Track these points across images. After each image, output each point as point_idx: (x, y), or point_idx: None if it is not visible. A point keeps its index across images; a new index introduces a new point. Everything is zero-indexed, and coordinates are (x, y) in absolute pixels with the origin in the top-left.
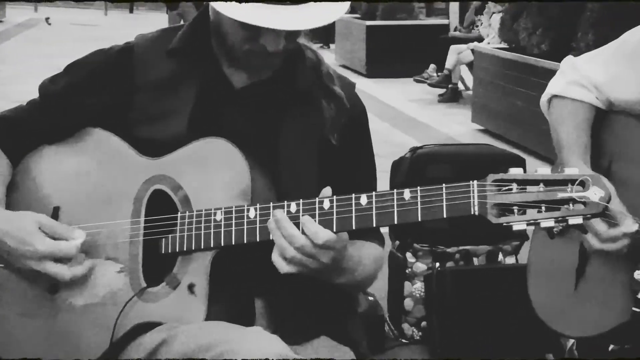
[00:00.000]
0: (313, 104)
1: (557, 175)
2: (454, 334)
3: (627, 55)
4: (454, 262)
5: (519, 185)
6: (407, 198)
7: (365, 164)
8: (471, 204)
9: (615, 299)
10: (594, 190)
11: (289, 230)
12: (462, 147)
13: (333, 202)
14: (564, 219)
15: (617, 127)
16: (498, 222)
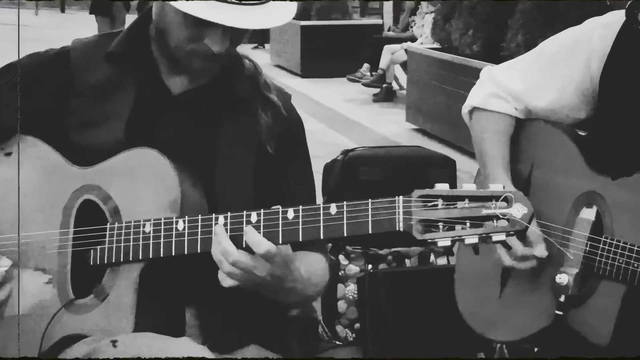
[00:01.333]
0: (250, 113)
1: (481, 191)
2: (387, 335)
3: (544, 64)
4: (386, 263)
5: (444, 201)
6: (333, 213)
7: (302, 174)
8: (396, 220)
9: (538, 303)
10: (517, 207)
11: (223, 244)
12: (394, 149)
13: (260, 216)
14: (487, 236)
15: (536, 134)
16: (423, 239)
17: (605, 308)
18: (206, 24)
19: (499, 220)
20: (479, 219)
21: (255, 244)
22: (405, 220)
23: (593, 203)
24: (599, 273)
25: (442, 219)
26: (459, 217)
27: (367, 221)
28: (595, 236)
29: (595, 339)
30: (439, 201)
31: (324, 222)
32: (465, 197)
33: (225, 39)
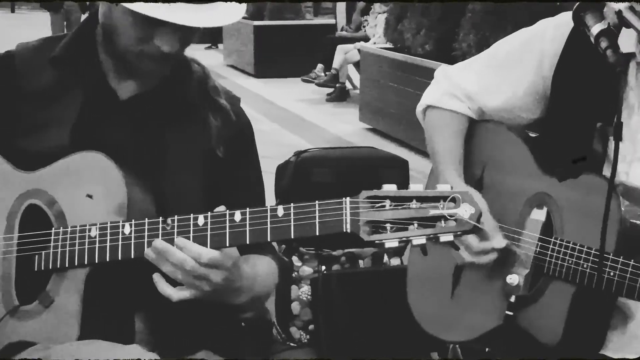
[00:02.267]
0: (199, 117)
1: (429, 192)
2: (341, 336)
3: (497, 65)
4: (339, 264)
5: (392, 202)
6: (281, 215)
7: (251, 178)
8: (343, 221)
9: (489, 303)
10: (464, 208)
11: (177, 256)
12: (346, 151)
13: (207, 219)
14: (435, 236)
15: (488, 135)
16: (370, 240)
17: (555, 308)
18: (156, 24)
19: (447, 220)
20: (426, 220)
21: (197, 255)
22: (353, 221)
23: (543, 204)
24: (549, 273)
25: (389, 220)
26: (407, 218)
27: (314, 222)
28: (545, 237)
29: (545, 338)
30: (386, 202)
31: (272, 224)
32: (412, 197)
33: (175, 38)
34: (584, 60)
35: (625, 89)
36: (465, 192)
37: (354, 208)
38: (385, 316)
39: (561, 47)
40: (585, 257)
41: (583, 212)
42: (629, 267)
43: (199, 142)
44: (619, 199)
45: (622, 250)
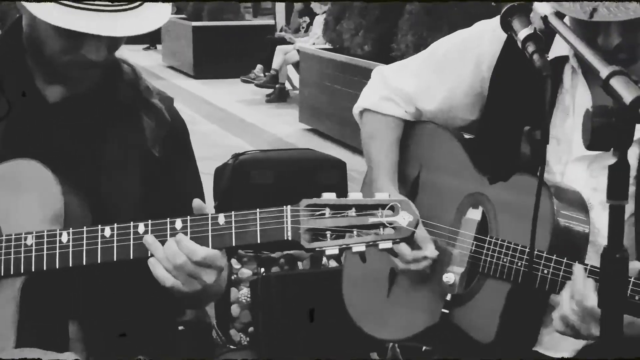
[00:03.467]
0: (133, 119)
1: (368, 200)
2: (281, 338)
3: (434, 66)
4: (279, 266)
5: (331, 210)
6: (222, 223)
7: (187, 177)
8: (284, 229)
9: (425, 302)
10: (403, 215)
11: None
12: (285, 152)
13: (148, 227)
14: (374, 244)
15: (425, 135)
16: (311, 247)
17: (490, 306)
18: (80, 34)
19: (386, 228)
20: (365, 228)
21: (191, 252)
22: (294, 229)
23: (479, 204)
24: (484, 272)
25: (329, 228)
26: (346, 225)
27: (255, 230)
28: (480, 236)
29: (480, 336)
30: (326, 210)
31: (213, 232)
32: (352, 206)
33: (101, 47)
34: (519, 64)
35: (561, 91)
36: (403, 200)
37: (294, 216)
38: (324, 317)
39: (499, 49)
40: (520, 256)
41: (517, 211)
42: (562, 265)
43: (134, 144)
44: (552, 199)
45: (556, 249)
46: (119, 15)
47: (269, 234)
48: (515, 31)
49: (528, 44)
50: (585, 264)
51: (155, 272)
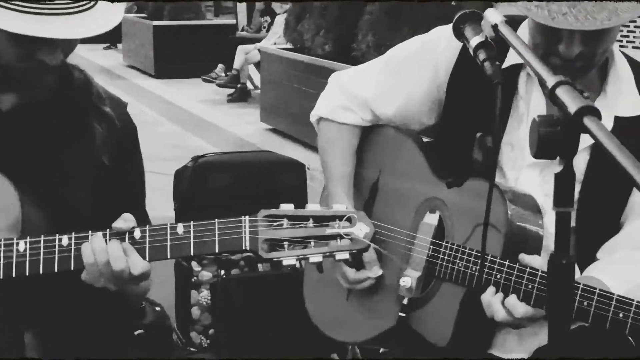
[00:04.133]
0: (84, 125)
1: (325, 211)
2: (242, 339)
3: (392, 71)
4: (239, 268)
5: (289, 220)
6: (180, 232)
7: (136, 183)
8: (243, 239)
9: (383, 305)
10: (359, 227)
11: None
12: (244, 155)
13: (106, 237)
14: (331, 254)
15: (384, 140)
16: (269, 257)
17: (445, 310)
18: (35, 39)
19: (342, 239)
20: (323, 238)
21: (133, 266)
22: (252, 239)
23: (436, 208)
24: (440, 276)
25: (287, 239)
26: (304, 236)
27: (214, 240)
28: (437, 240)
29: (436, 339)
30: (284, 221)
31: (171, 242)
32: (309, 217)
33: (57, 51)
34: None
35: (516, 98)
36: (359, 212)
37: (252, 226)
38: (285, 319)
39: (455, 56)
40: (474, 260)
41: (472, 216)
42: (514, 270)
43: (85, 151)
44: (505, 204)
45: (510, 253)
46: (72, 18)
47: (227, 243)
48: (467, 39)
49: (479, 52)
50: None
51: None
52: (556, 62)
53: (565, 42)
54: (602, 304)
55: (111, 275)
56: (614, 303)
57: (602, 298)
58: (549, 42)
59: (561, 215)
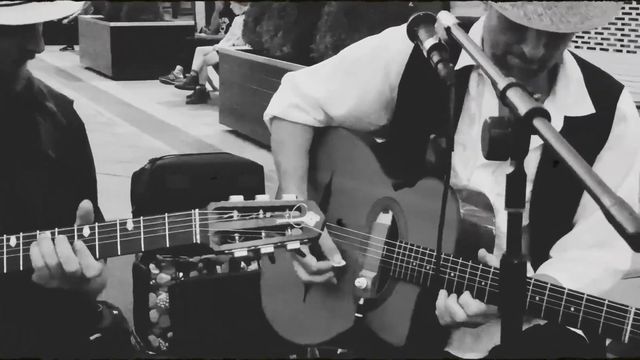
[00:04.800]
0: (28, 120)
1: (275, 201)
2: (200, 342)
3: (344, 72)
4: (197, 271)
5: (239, 212)
6: (130, 228)
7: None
8: (193, 232)
9: (340, 306)
10: (310, 216)
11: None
12: (201, 157)
13: (55, 235)
14: (282, 244)
15: (337, 141)
16: (220, 250)
17: (401, 309)
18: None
19: (293, 229)
20: (273, 229)
21: (86, 268)
22: (202, 232)
23: (389, 208)
24: (394, 276)
25: (237, 230)
26: (254, 227)
27: (164, 235)
28: (391, 240)
29: (392, 339)
30: (234, 213)
31: (121, 238)
32: (259, 207)
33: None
34: (426, 72)
35: (467, 99)
36: (309, 201)
37: (203, 219)
38: (244, 320)
39: (407, 57)
40: (428, 259)
41: (425, 215)
42: (467, 268)
43: (30, 145)
44: (457, 203)
45: (463, 251)
46: (43, 5)
47: (177, 237)
48: (421, 40)
49: (433, 54)
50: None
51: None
52: (514, 62)
53: (532, 43)
54: (553, 299)
55: (63, 276)
56: (565, 297)
57: (553, 292)
58: (513, 42)
59: (513, 216)
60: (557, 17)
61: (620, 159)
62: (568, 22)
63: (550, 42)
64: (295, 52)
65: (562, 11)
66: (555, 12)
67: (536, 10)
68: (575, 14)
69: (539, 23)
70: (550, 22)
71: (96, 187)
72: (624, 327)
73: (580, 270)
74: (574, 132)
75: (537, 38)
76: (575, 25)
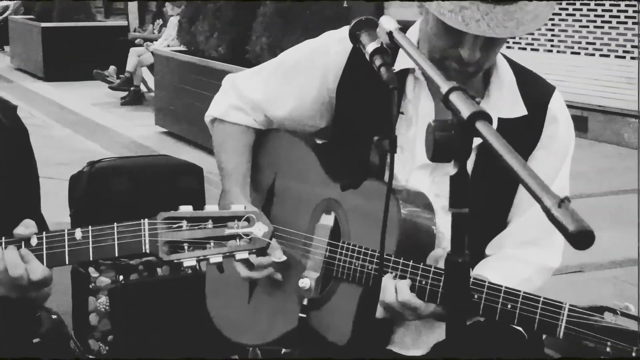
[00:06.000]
0: None
1: (224, 212)
2: (141, 344)
3: (283, 75)
4: (137, 273)
5: (188, 222)
6: (79, 238)
7: (30, 186)
8: (142, 242)
9: (284, 307)
10: (258, 226)
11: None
12: (140, 159)
13: (1, 244)
14: (231, 254)
15: (279, 143)
16: (169, 259)
17: (344, 309)
18: None
19: (242, 239)
20: (222, 239)
21: (32, 272)
22: (152, 242)
23: (332, 209)
24: (337, 276)
25: (186, 240)
26: (203, 237)
27: (113, 244)
28: (333, 241)
29: (336, 338)
30: (183, 223)
31: (69, 247)
32: (209, 218)
33: None
34: (364, 75)
35: (405, 101)
36: (258, 211)
37: (152, 229)
38: (186, 322)
39: (344, 60)
40: (370, 259)
41: (367, 216)
42: (408, 267)
43: None
44: (398, 203)
45: (404, 251)
46: None
47: (126, 247)
48: (364, 44)
49: (375, 57)
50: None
51: None
52: (452, 65)
53: (469, 47)
54: (491, 296)
55: (10, 283)
56: (502, 295)
57: (491, 290)
58: (450, 46)
59: (457, 216)
60: (493, 23)
61: (551, 159)
62: (505, 27)
63: (486, 46)
64: (231, 53)
65: (499, 17)
66: (492, 17)
67: (474, 16)
68: (510, 19)
69: (477, 28)
70: (487, 27)
71: (39, 192)
72: (558, 323)
73: (514, 269)
74: (507, 133)
75: (474, 42)
76: (511, 30)
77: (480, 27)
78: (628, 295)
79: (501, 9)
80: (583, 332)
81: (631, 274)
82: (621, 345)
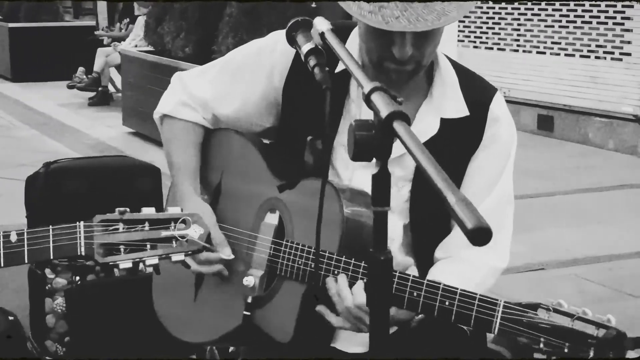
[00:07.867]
0: None
1: (160, 214)
2: (99, 345)
3: (231, 73)
4: (94, 274)
5: (125, 224)
6: (14, 240)
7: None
8: (78, 244)
9: (229, 304)
10: (194, 228)
11: None
12: (97, 160)
13: None
14: (167, 256)
15: (225, 141)
16: (105, 262)
17: (287, 307)
18: None
19: (178, 241)
20: (158, 241)
21: None
22: (87, 244)
23: (276, 208)
24: (281, 274)
25: (122, 242)
26: (139, 239)
27: (48, 247)
28: (277, 240)
29: (279, 336)
30: (120, 225)
31: (5, 250)
32: (145, 220)
33: None
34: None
35: (348, 101)
36: (194, 213)
37: (88, 232)
38: (143, 323)
39: (290, 61)
40: (313, 258)
41: (309, 215)
42: (350, 266)
43: None
44: (340, 202)
45: (347, 249)
46: None
47: (62, 250)
48: (299, 45)
49: (310, 58)
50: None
51: None
52: (390, 66)
53: (398, 44)
54: (429, 294)
55: None
56: (440, 292)
57: (429, 288)
58: (383, 47)
59: (378, 215)
60: (413, 17)
61: (494, 158)
62: (425, 21)
63: (417, 42)
64: (198, 53)
65: (418, 11)
66: (411, 12)
67: (393, 14)
68: (431, 12)
69: (397, 25)
70: (408, 22)
71: None
72: (493, 320)
73: (464, 271)
74: (450, 133)
75: (402, 39)
76: (432, 22)
77: (400, 23)
78: (587, 292)
79: (420, 3)
80: (516, 328)
81: (592, 271)
82: (554, 341)
